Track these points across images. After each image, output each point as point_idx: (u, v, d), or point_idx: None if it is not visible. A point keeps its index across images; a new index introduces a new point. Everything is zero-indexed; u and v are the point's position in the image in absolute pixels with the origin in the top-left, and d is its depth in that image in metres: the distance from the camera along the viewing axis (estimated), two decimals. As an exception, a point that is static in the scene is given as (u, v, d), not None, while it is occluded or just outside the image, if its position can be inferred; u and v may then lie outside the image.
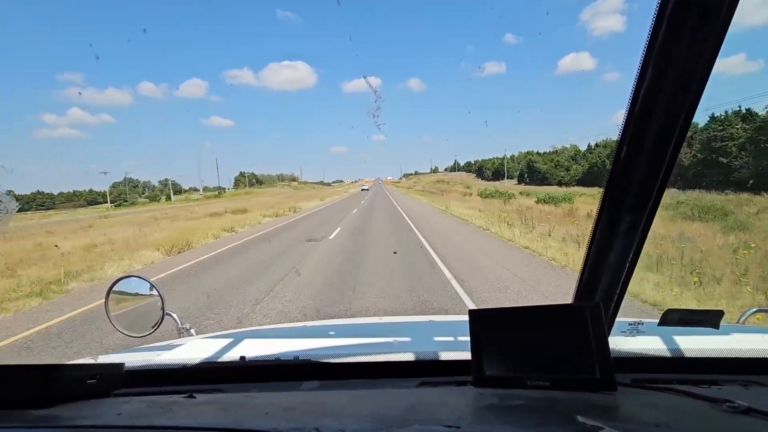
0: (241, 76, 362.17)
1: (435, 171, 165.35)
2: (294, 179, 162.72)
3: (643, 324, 0.99)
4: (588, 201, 21.93)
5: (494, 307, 0.77)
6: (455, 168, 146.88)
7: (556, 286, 5.80)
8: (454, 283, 6.01)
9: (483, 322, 0.75)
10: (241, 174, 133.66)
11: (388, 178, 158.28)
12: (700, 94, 0.53)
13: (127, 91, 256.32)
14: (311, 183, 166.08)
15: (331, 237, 11.75)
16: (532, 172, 73.52)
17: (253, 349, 1.03)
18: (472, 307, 4.58)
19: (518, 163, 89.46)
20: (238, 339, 1.11)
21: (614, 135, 0.65)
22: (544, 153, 78.29)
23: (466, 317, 0.76)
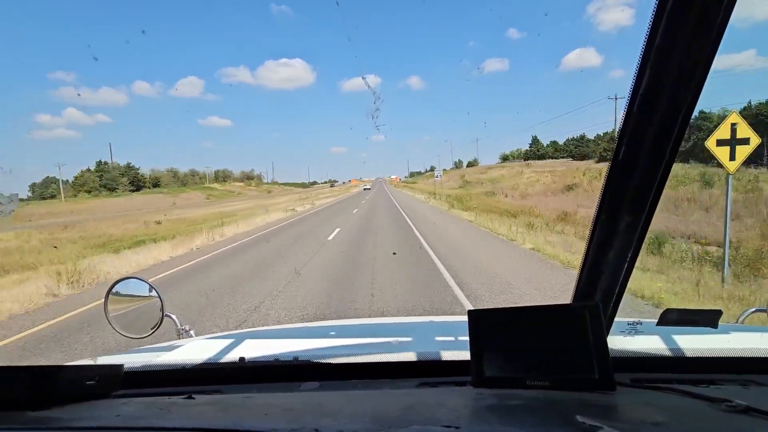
0: (238, 74, 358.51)
1: (459, 165, 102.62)
2: (251, 177, 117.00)
3: (641, 324, 1.00)
4: None
5: (494, 307, 0.77)
6: (533, 154, 79.97)
7: None
8: None
9: (482, 322, 0.74)
10: (99, 166, 74.21)
11: (394, 176, 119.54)
12: (699, 91, 0.53)
13: (122, 91, 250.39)
14: (274, 184, 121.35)
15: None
16: None
17: (253, 349, 1.03)
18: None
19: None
20: (237, 340, 1.11)
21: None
22: None
23: (465, 317, 0.76)
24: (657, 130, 0.57)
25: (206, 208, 40.59)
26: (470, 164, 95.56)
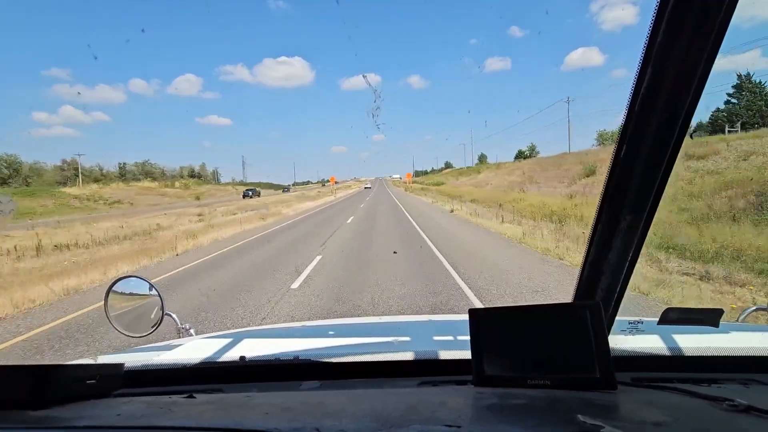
0: (236, 72, 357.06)
1: (483, 160, 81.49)
2: (199, 176, 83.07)
3: (642, 323, 1.00)
4: None
5: (494, 306, 0.77)
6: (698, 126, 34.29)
7: None
8: None
9: (483, 321, 0.74)
10: None
11: (397, 176, 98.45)
12: (701, 92, 0.53)
13: (119, 89, 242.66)
14: (238, 184, 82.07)
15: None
16: None
17: (253, 349, 1.03)
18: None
19: None
20: (237, 339, 1.11)
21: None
22: None
23: (466, 316, 0.76)
24: (658, 130, 0.57)
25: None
26: (523, 155, 63.72)
